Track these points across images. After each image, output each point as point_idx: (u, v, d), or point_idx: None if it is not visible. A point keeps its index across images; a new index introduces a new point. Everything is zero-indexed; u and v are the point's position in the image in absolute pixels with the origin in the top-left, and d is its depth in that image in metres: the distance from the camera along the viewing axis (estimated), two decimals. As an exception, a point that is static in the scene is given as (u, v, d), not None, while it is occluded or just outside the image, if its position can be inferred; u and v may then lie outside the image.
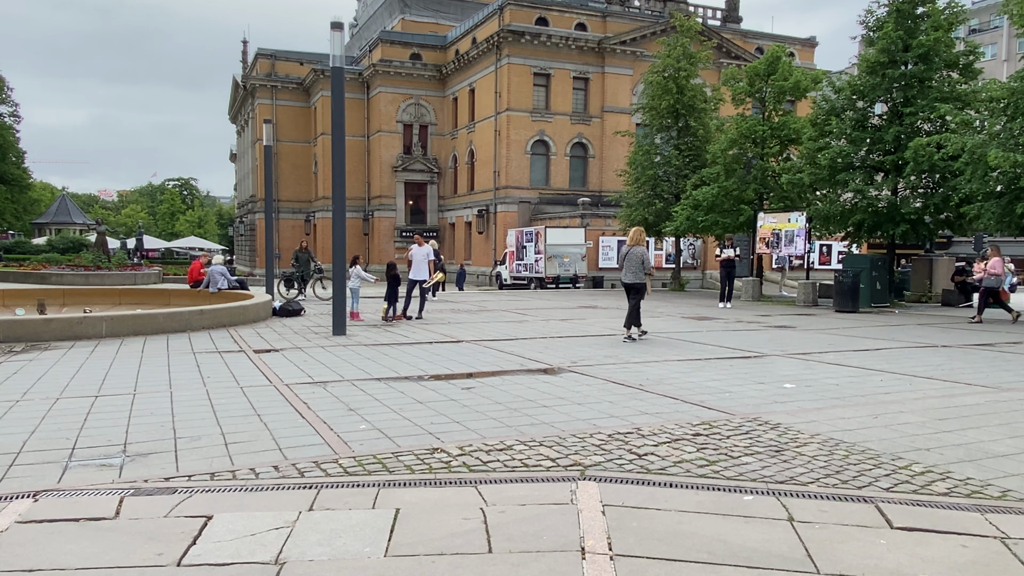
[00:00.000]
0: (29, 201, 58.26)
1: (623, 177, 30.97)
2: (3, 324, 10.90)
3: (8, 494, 4.02)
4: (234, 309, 13.67)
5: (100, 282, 27.44)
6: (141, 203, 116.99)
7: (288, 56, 55.73)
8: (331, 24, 12.02)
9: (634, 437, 5.35)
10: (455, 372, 8.31)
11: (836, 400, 6.86)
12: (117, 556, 3.21)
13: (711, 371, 8.55)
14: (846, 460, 4.82)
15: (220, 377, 7.87)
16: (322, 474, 4.43)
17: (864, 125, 20.61)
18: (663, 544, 3.37)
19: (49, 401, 6.53)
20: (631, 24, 43.94)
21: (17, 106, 56.04)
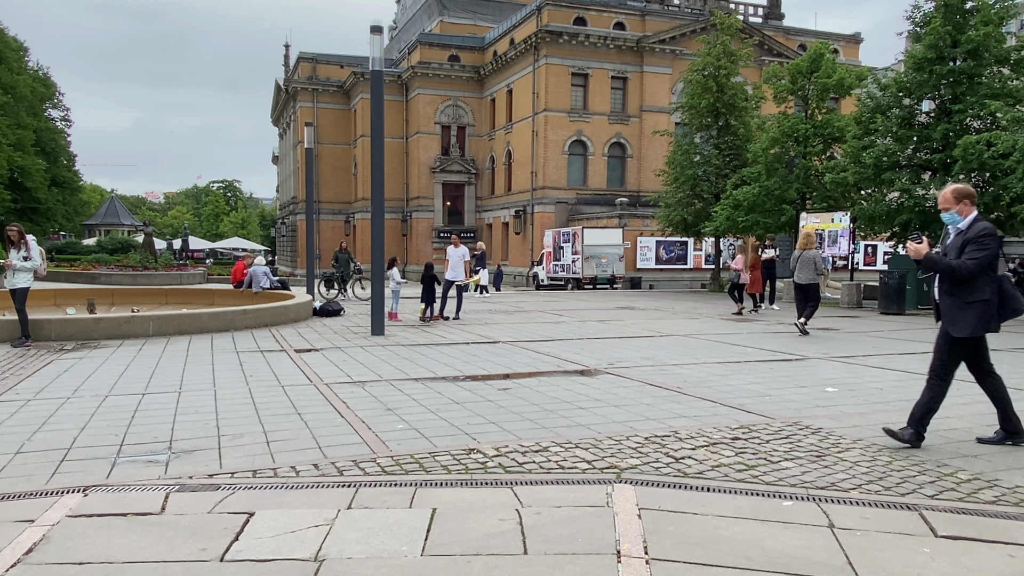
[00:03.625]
0: (80, 203, 59.96)
1: (662, 177, 30.71)
2: (55, 323, 11.26)
3: (59, 489, 4.15)
4: (276, 309, 13.91)
5: (147, 282, 28.16)
6: (187, 204, 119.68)
7: (329, 59, 56.50)
8: (371, 28, 12.17)
9: (671, 440, 5.31)
10: (491, 373, 8.35)
11: (880, 405, 6.72)
12: (163, 550, 3.30)
13: (750, 374, 8.44)
14: (889, 466, 4.73)
15: (262, 376, 8.03)
16: (360, 473, 4.50)
17: (911, 123, 20.12)
18: (700, 549, 3.34)
19: (98, 399, 6.73)
20: (670, 23, 43.58)
21: (68, 110, 57.81)
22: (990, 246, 4.96)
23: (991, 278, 5.03)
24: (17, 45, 49.25)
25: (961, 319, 5.05)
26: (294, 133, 60.08)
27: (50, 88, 54.97)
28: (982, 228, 5.04)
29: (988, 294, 5.00)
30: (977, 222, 5.09)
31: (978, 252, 4.96)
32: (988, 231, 5.02)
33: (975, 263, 4.94)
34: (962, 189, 5.23)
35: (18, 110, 44.33)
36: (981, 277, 5.00)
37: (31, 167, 44.37)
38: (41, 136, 48.78)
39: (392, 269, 15.48)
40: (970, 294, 5.01)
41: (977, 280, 4.99)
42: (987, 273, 5.01)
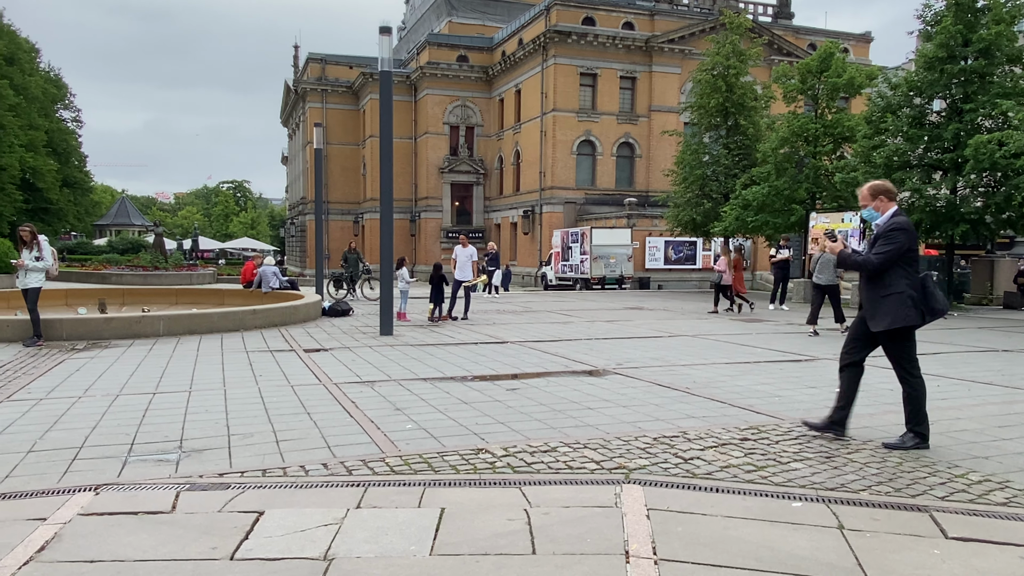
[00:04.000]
0: (91, 203, 60.37)
1: (670, 177, 30.65)
2: (66, 323, 11.34)
3: (71, 487, 4.19)
4: (285, 309, 13.96)
5: (158, 282, 28.33)
6: (197, 205, 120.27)
7: (338, 60, 56.65)
8: (380, 29, 12.20)
9: (680, 441, 5.30)
10: (500, 373, 8.35)
11: (890, 405, 6.68)
12: (173, 549, 3.32)
13: (760, 374, 8.41)
14: (899, 468, 4.71)
15: (272, 376, 8.06)
16: (369, 472, 4.51)
17: (921, 122, 20.01)
18: (709, 549, 3.34)
19: (109, 398, 6.77)
20: (679, 22, 43.49)
21: (79, 111, 58.16)
22: (898, 240, 5.01)
23: (906, 272, 5.06)
24: (29, 47, 49.62)
25: (878, 313, 5.11)
26: (303, 133, 60.29)
27: (61, 89, 55.35)
28: (893, 223, 5.09)
29: (903, 287, 5.02)
30: (893, 217, 5.14)
31: (885, 247, 5.03)
32: (898, 226, 5.06)
33: (879, 258, 5.02)
34: (877, 185, 5.30)
35: (30, 111, 44.65)
36: (895, 271, 5.04)
37: (43, 168, 44.68)
38: (53, 137, 49.11)
39: (401, 269, 15.51)
40: (884, 288, 5.06)
41: (891, 274, 5.04)
42: (902, 267, 5.05)
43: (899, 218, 5.13)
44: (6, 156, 39.32)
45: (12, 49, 44.92)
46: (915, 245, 5.13)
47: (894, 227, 5.07)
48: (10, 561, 3.16)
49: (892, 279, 5.05)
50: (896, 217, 5.14)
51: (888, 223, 5.12)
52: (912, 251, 5.10)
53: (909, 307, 5.02)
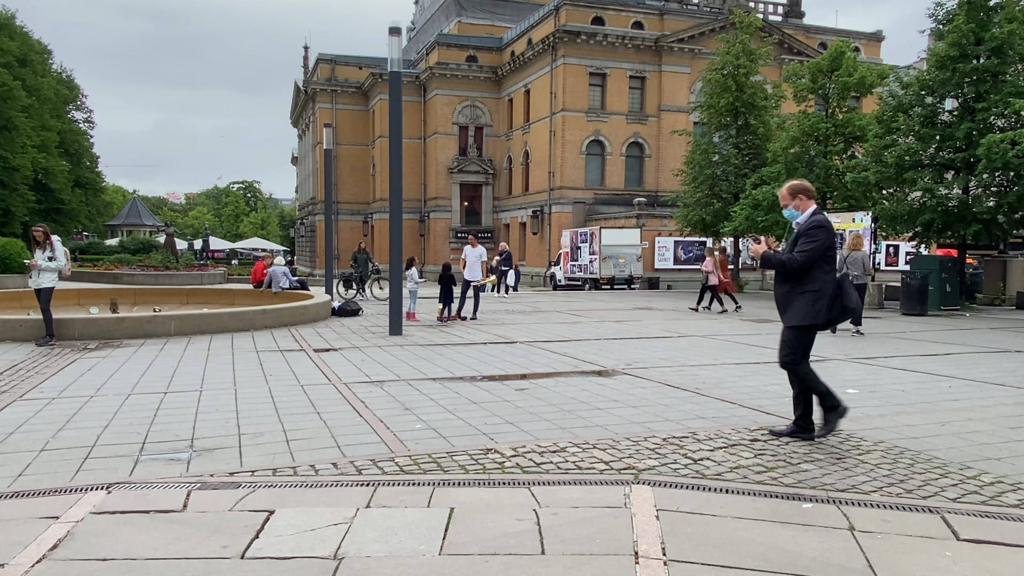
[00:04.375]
0: (102, 204, 60.80)
1: (680, 177, 30.59)
2: (79, 322, 11.42)
3: (83, 486, 4.22)
4: (295, 309, 14.01)
5: (169, 282, 28.48)
6: (207, 205, 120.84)
7: (347, 61, 56.81)
8: (389, 29, 12.23)
9: (689, 441, 5.29)
10: (509, 373, 8.35)
11: (901, 406, 6.65)
12: (185, 548, 3.34)
13: (770, 375, 8.38)
14: (911, 469, 4.68)
15: (282, 375, 8.09)
16: (379, 472, 4.52)
17: (933, 122, 19.90)
18: (718, 551, 3.33)
19: (121, 397, 6.82)
20: (689, 21, 43.40)
21: (91, 112, 58.62)
22: (819, 238, 5.10)
23: (824, 269, 5.15)
24: (41, 48, 50.04)
25: (793, 308, 5.21)
26: (313, 134, 60.49)
27: (73, 90, 55.79)
28: (813, 222, 5.19)
29: (819, 285, 5.13)
30: (813, 215, 5.24)
31: (807, 245, 5.12)
32: (818, 224, 5.16)
33: (803, 256, 5.10)
34: (796, 185, 5.40)
35: (42, 112, 45.02)
36: (814, 269, 5.13)
37: (55, 168, 45.04)
38: (65, 138, 49.51)
39: (410, 269, 15.54)
40: (802, 284, 5.16)
41: (811, 271, 5.13)
42: (821, 265, 5.14)
43: (818, 216, 5.24)
44: (19, 157, 39.65)
45: (25, 51, 45.30)
46: (834, 242, 5.22)
47: (814, 225, 5.17)
48: (23, 559, 3.18)
49: (812, 276, 5.14)
50: (816, 215, 5.25)
51: (808, 221, 5.22)
52: (831, 248, 5.19)
53: (823, 305, 5.13)
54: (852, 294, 5.25)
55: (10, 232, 37.12)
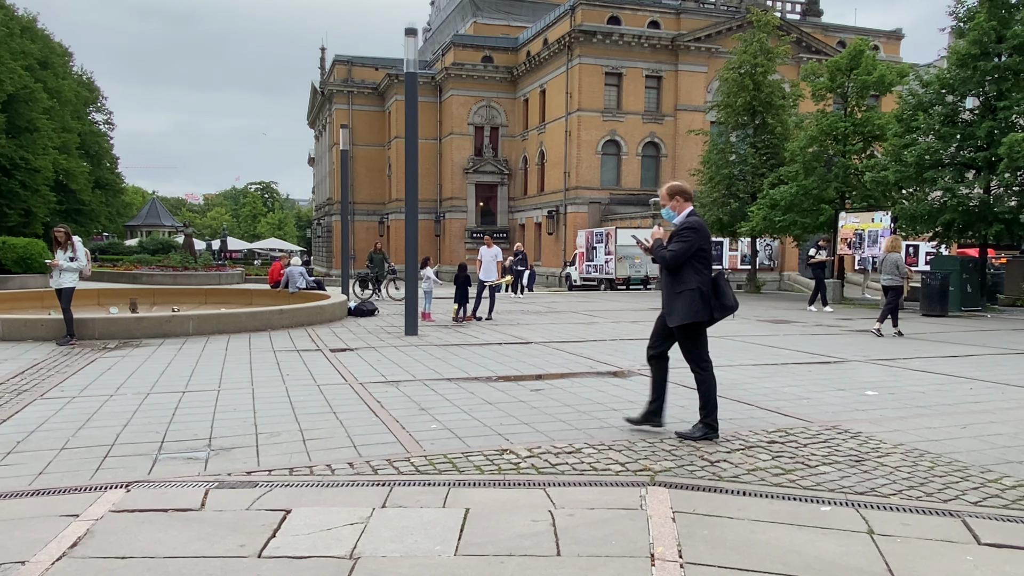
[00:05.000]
0: (122, 204, 61.40)
1: (697, 176, 30.40)
2: (99, 322, 11.54)
3: (103, 484, 4.26)
4: (312, 309, 14.08)
5: (187, 282, 28.70)
6: (225, 206, 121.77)
7: (364, 62, 57.06)
8: (405, 31, 12.26)
9: (706, 443, 5.26)
10: (524, 373, 8.35)
11: (921, 409, 6.58)
12: (202, 546, 3.37)
13: (788, 376, 8.32)
14: (931, 472, 4.63)
15: (298, 375, 8.14)
16: (395, 472, 4.53)
17: (954, 120, 19.65)
18: (735, 553, 3.31)
19: (140, 396, 6.88)
20: (706, 20, 43.18)
21: (111, 114, 59.26)
22: (689, 239, 5.27)
23: (697, 269, 5.30)
24: (62, 51, 50.62)
25: (673, 309, 5.39)
26: (330, 135, 60.80)
27: (94, 92, 56.40)
28: (686, 223, 5.36)
29: (695, 284, 5.27)
30: (688, 217, 5.39)
31: (677, 244, 5.31)
32: (689, 225, 5.32)
33: (671, 254, 5.30)
34: (674, 186, 5.56)
35: (63, 114, 45.55)
36: (687, 269, 5.29)
37: (76, 170, 45.55)
38: (85, 139, 50.06)
39: (426, 268, 15.57)
40: (679, 284, 5.33)
41: (683, 271, 5.30)
42: (694, 265, 5.29)
43: (692, 218, 5.38)
44: (40, 158, 40.14)
45: (46, 53, 45.86)
46: (706, 244, 5.37)
47: (686, 226, 5.33)
48: (44, 557, 3.22)
49: (685, 276, 5.30)
50: (690, 217, 5.39)
51: (682, 223, 5.37)
52: (703, 250, 5.34)
53: (699, 304, 5.26)
54: (728, 292, 5.39)
55: (32, 233, 37.59)
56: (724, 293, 5.37)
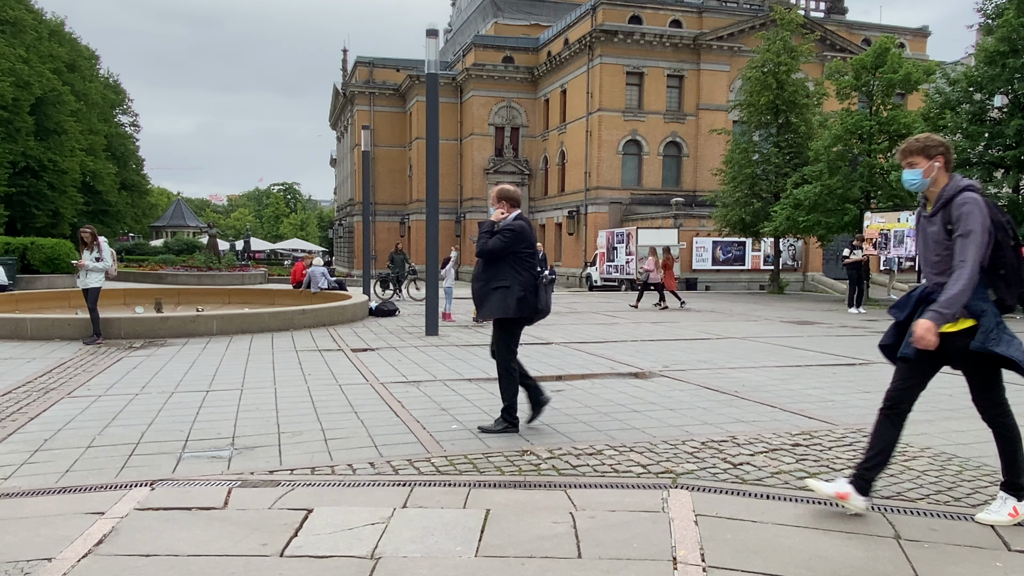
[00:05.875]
0: (148, 205, 62.26)
1: (719, 176, 30.21)
2: (124, 322, 11.69)
3: (128, 482, 4.31)
4: (333, 309, 14.17)
5: (211, 282, 29.01)
6: (248, 207, 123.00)
7: (385, 63, 57.32)
8: (426, 32, 12.29)
9: (729, 445, 5.21)
10: (544, 374, 8.32)
11: (949, 412, 6.47)
12: (225, 545, 3.39)
13: (812, 378, 8.23)
14: (959, 476, 4.54)
15: (320, 375, 8.18)
16: (415, 472, 4.54)
17: (982, 119, 19.35)
18: (759, 557, 3.27)
19: (165, 395, 6.96)
20: (728, 19, 42.83)
21: (137, 116, 60.10)
22: (507, 239, 5.50)
23: (516, 270, 5.50)
24: (89, 53, 51.41)
25: (484, 304, 5.59)
26: (351, 136, 61.14)
27: (120, 95, 57.23)
28: (509, 225, 5.57)
29: (510, 282, 5.47)
30: (513, 220, 5.62)
31: (494, 239, 5.54)
32: (509, 227, 5.55)
33: (486, 245, 5.55)
34: (502, 190, 5.79)
35: (90, 116, 46.26)
36: (505, 268, 5.50)
37: (102, 171, 46.24)
38: (112, 141, 50.81)
39: (446, 266, 15.61)
40: (496, 281, 5.52)
41: (502, 270, 5.50)
42: (512, 266, 5.50)
43: (516, 222, 5.62)
44: (68, 160, 40.80)
45: (73, 56, 46.60)
46: (525, 248, 5.57)
47: (507, 227, 5.57)
48: (70, 554, 3.26)
49: (504, 273, 5.50)
50: (515, 221, 5.63)
51: (506, 224, 5.60)
52: (521, 253, 5.54)
53: (511, 302, 5.45)
54: (543, 297, 5.62)
55: (59, 233, 38.21)
56: (540, 297, 5.61)
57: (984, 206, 3.53)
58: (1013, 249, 3.58)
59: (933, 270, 3.69)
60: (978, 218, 3.47)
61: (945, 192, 3.62)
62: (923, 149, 3.68)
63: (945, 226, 3.57)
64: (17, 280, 21.97)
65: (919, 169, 3.70)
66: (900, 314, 3.86)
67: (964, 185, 3.61)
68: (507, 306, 5.46)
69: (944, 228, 3.58)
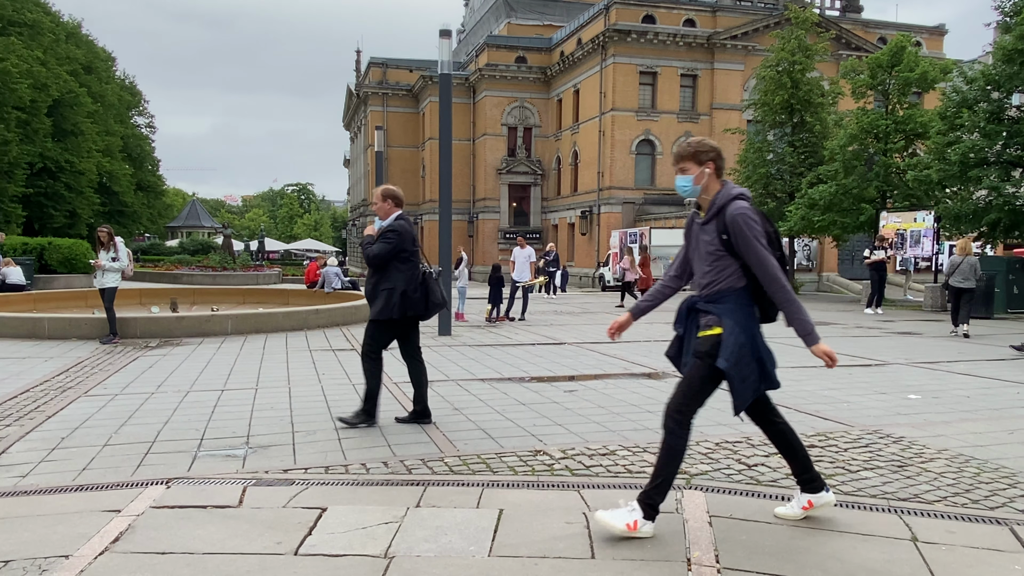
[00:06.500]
0: (163, 206, 62.71)
1: (733, 176, 30.03)
2: (140, 321, 11.79)
3: (144, 480, 4.34)
4: (347, 309, 14.21)
5: (226, 282, 29.16)
6: (263, 207, 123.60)
7: (398, 64, 57.47)
8: (439, 32, 12.31)
9: (743, 447, 5.18)
10: (557, 374, 8.32)
11: (966, 413, 6.40)
12: (240, 543, 3.41)
13: (827, 379, 8.16)
14: (977, 478, 4.50)
15: (334, 374, 8.21)
16: (428, 472, 4.54)
17: (1000, 117, 19.13)
18: (774, 559, 3.25)
19: (180, 394, 7.00)
20: (742, 18, 42.64)
21: (153, 117, 60.54)
22: (392, 241, 5.56)
23: (400, 269, 5.58)
24: (106, 55, 51.87)
25: (373, 303, 5.66)
26: (365, 137, 61.35)
27: (136, 96, 57.69)
28: (392, 225, 5.65)
29: (394, 283, 5.56)
30: (395, 221, 5.67)
31: (379, 246, 5.58)
32: (392, 228, 5.62)
33: (373, 255, 5.59)
34: (385, 190, 5.80)
35: (107, 118, 46.65)
36: (392, 269, 5.59)
37: (119, 172, 46.63)
38: (128, 142, 51.22)
39: (460, 267, 15.63)
40: (384, 282, 5.60)
41: (389, 271, 5.60)
42: (398, 266, 5.58)
43: (398, 222, 5.65)
44: (85, 161, 41.16)
45: (90, 58, 47.03)
46: (410, 247, 5.64)
47: (390, 229, 5.62)
48: (87, 551, 3.29)
49: (389, 275, 5.59)
50: (396, 221, 5.66)
51: (388, 225, 5.65)
52: (406, 251, 5.61)
53: (397, 302, 5.54)
54: (437, 291, 5.72)
55: (76, 233, 38.56)
56: (433, 291, 5.71)
57: (758, 217, 3.46)
58: (779, 260, 3.49)
59: (703, 279, 3.58)
60: (755, 228, 3.40)
61: (717, 200, 3.50)
62: (694, 155, 3.57)
63: (720, 235, 3.45)
64: (35, 280, 22.18)
65: (690, 175, 3.58)
66: (680, 328, 3.75)
67: (736, 194, 3.50)
68: (391, 306, 5.54)
69: (719, 236, 3.46)
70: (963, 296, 13.40)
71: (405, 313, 5.61)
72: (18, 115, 35.46)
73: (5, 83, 33.90)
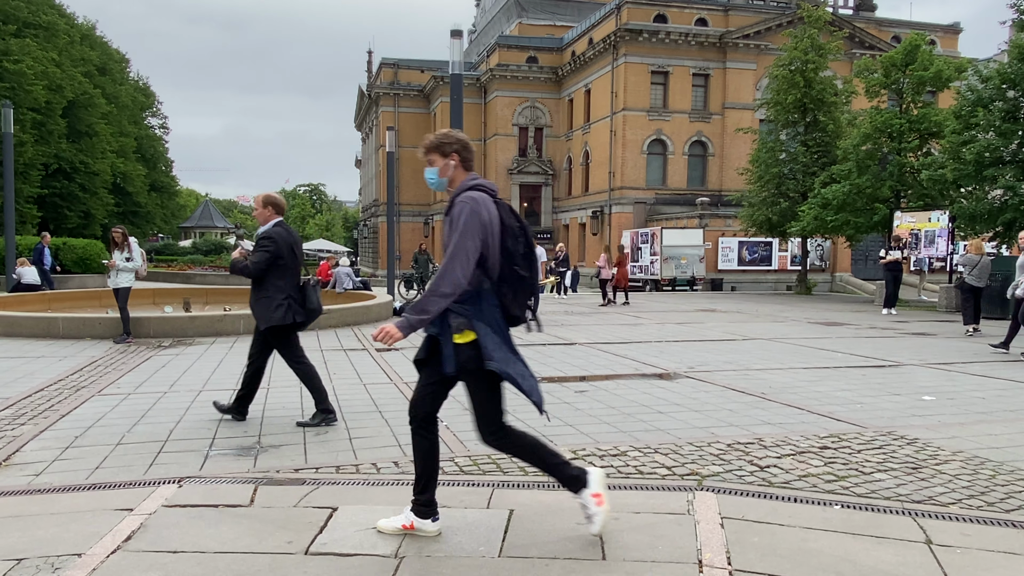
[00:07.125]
0: (177, 206, 63.19)
1: (745, 176, 29.93)
2: (154, 321, 11.86)
3: (156, 479, 4.36)
4: (358, 309, 14.25)
5: (238, 282, 29.28)
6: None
7: (410, 64, 57.60)
8: (451, 32, 12.33)
9: (755, 448, 5.15)
10: (568, 375, 8.30)
11: (982, 415, 6.34)
12: (251, 542, 3.42)
13: (840, 380, 8.11)
14: (993, 480, 4.45)
15: (345, 374, 8.23)
16: (439, 472, 4.53)
17: (1015, 116, 18.93)
18: (786, 561, 3.22)
19: (193, 393, 7.04)
20: (755, 17, 42.47)
21: (166, 118, 61.00)
22: (269, 248, 5.51)
23: (276, 276, 5.55)
24: (120, 57, 52.29)
25: (257, 314, 5.66)
26: (376, 137, 61.51)
27: (150, 97, 58.14)
28: (269, 232, 5.59)
29: (271, 292, 5.54)
30: (272, 227, 5.61)
31: (257, 254, 5.56)
32: (268, 235, 5.56)
33: (254, 265, 5.54)
34: (266, 197, 5.77)
35: (121, 119, 47.03)
36: (269, 278, 5.55)
37: (132, 173, 47.00)
38: (141, 143, 51.63)
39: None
40: (262, 291, 5.60)
41: (266, 280, 5.56)
42: (274, 274, 5.55)
43: (275, 229, 5.60)
44: (99, 162, 41.51)
45: (104, 60, 47.42)
46: (285, 253, 5.58)
47: (265, 236, 5.57)
48: (99, 549, 3.31)
49: (266, 284, 5.56)
50: (273, 228, 5.61)
51: (265, 231, 5.60)
52: (281, 258, 5.56)
53: (279, 309, 5.53)
54: (314, 298, 5.71)
55: (90, 234, 38.90)
56: (309, 299, 5.69)
57: (486, 206, 3.25)
58: (524, 257, 3.34)
59: None
60: (472, 221, 3.19)
61: (456, 191, 3.39)
62: (438, 146, 3.47)
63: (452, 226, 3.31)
64: (51, 279, 22.35)
65: (436, 168, 3.48)
66: (433, 329, 3.47)
67: (471, 184, 3.36)
68: (272, 316, 5.55)
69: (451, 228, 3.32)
70: (979, 295, 13.47)
71: (286, 320, 5.59)
72: (33, 116, 35.80)
73: (21, 84, 34.25)
